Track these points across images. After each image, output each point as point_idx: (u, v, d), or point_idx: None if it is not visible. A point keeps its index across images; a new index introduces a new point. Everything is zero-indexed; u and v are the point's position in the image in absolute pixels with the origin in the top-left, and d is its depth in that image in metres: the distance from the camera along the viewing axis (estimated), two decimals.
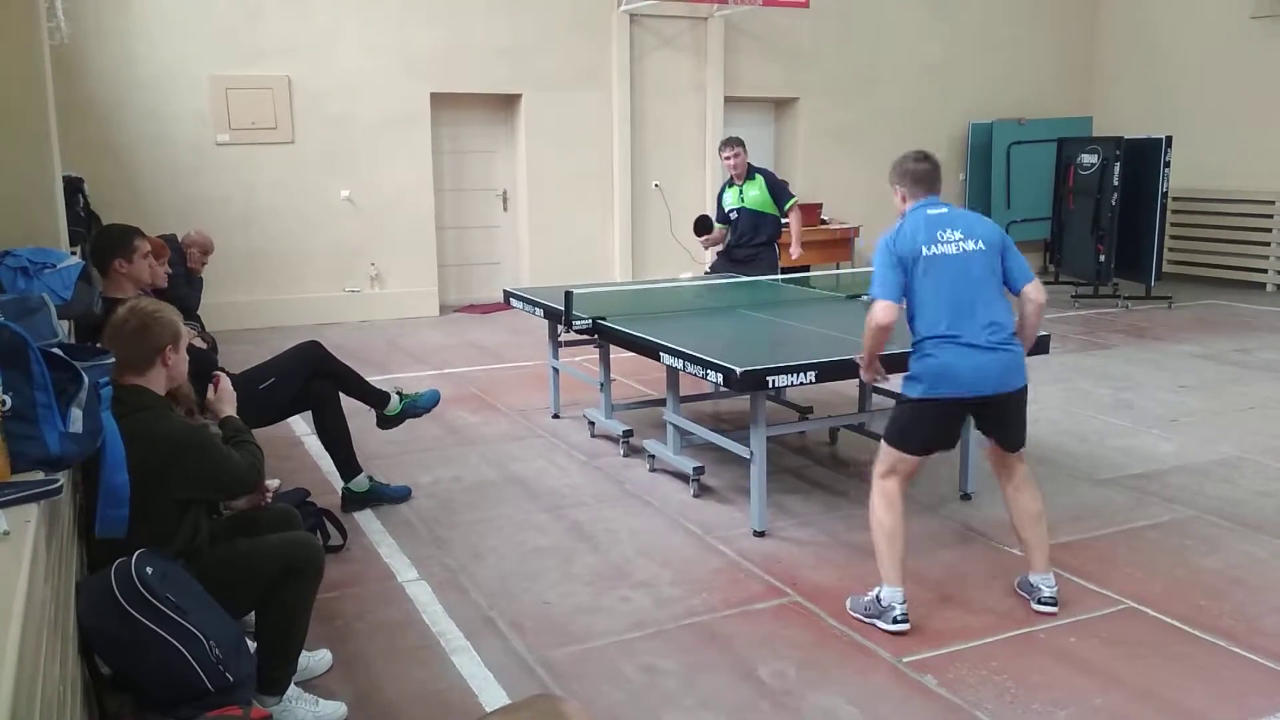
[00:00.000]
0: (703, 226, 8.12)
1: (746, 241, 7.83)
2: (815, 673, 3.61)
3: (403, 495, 5.35)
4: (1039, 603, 4.06)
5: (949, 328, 3.88)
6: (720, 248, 8.13)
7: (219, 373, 3.85)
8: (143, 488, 2.74)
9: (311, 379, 5.12)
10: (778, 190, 7.81)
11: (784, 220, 7.89)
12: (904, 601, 3.90)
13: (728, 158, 7.76)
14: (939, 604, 4.13)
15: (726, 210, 7.88)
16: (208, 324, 6.37)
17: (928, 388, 3.91)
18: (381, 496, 5.27)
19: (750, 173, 7.81)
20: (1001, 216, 13.41)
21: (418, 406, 5.37)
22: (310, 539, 3.52)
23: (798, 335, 5.51)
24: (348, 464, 5.21)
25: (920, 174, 4.16)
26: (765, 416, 4.79)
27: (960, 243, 3.96)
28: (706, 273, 8.35)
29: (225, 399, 3.60)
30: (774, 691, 3.49)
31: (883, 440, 4.08)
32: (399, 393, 5.39)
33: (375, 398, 5.32)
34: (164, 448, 2.99)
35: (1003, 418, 4.04)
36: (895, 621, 3.89)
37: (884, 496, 4.00)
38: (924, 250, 3.94)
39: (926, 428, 4.00)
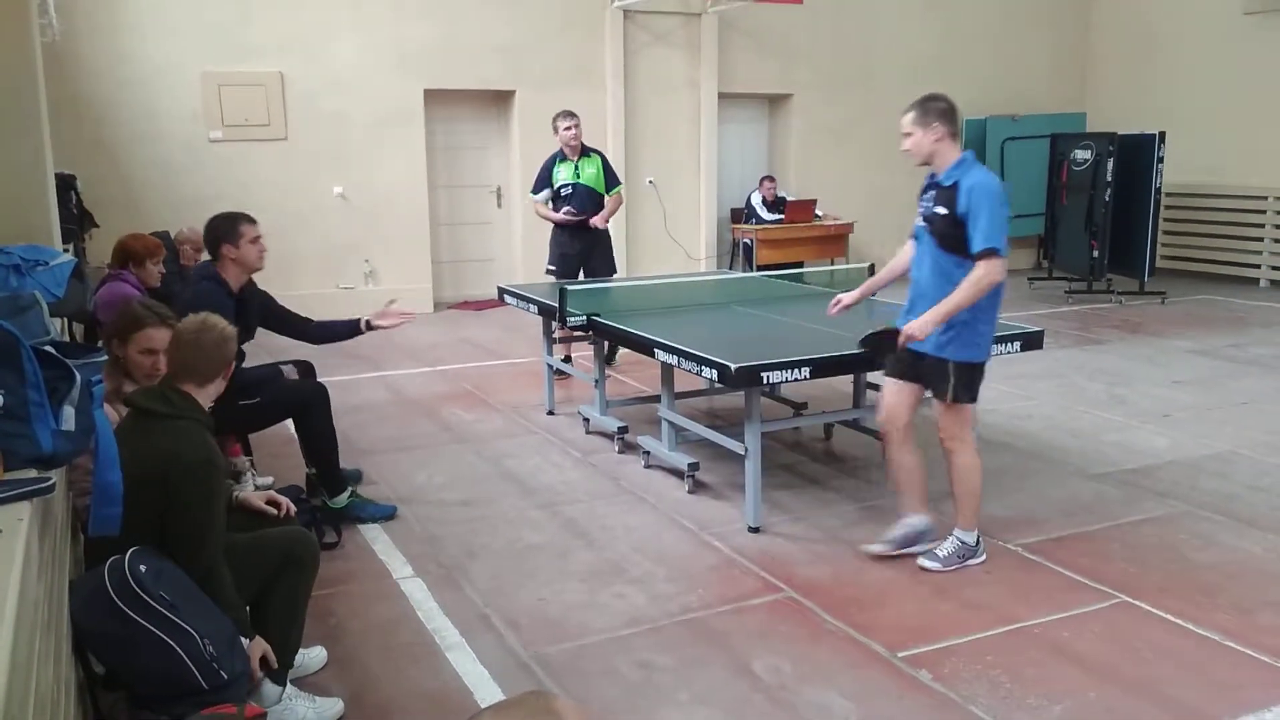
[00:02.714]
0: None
1: (587, 225, 7.89)
2: (810, 668, 3.61)
3: (386, 515, 5.08)
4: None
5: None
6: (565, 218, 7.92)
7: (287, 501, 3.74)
8: (141, 491, 2.72)
9: (302, 405, 4.97)
10: (610, 173, 7.96)
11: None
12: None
13: (569, 128, 7.77)
14: (933, 598, 4.14)
15: (558, 185, 7.90)
16: None
17: (989, 347, 4.25)
18: (362, 516, 5.02)
19: (585, 150, 7.89)
20: None
21: (365, 513, 5.02)
22: (305, 531, 3.55)
23: (792, 331, 5.51)
24: (331, 477, 5.02)
25: (957, 115, 4.26)
26: (760, 412, 4.79)
27: None
28: (550, 270, 8.13)
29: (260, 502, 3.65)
30: (769, 687, 3.50)
31: (956, 404, 4.24)
32: (354, 491, 5.12)
33: (334, 481, 5.02)
34: (175, 464, 2.93)
35: None
36: (978, 555, 4.38)
37: (973, 448, 4.33)
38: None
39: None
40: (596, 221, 7.88)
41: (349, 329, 5.24)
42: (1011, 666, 3.59)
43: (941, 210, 4.12)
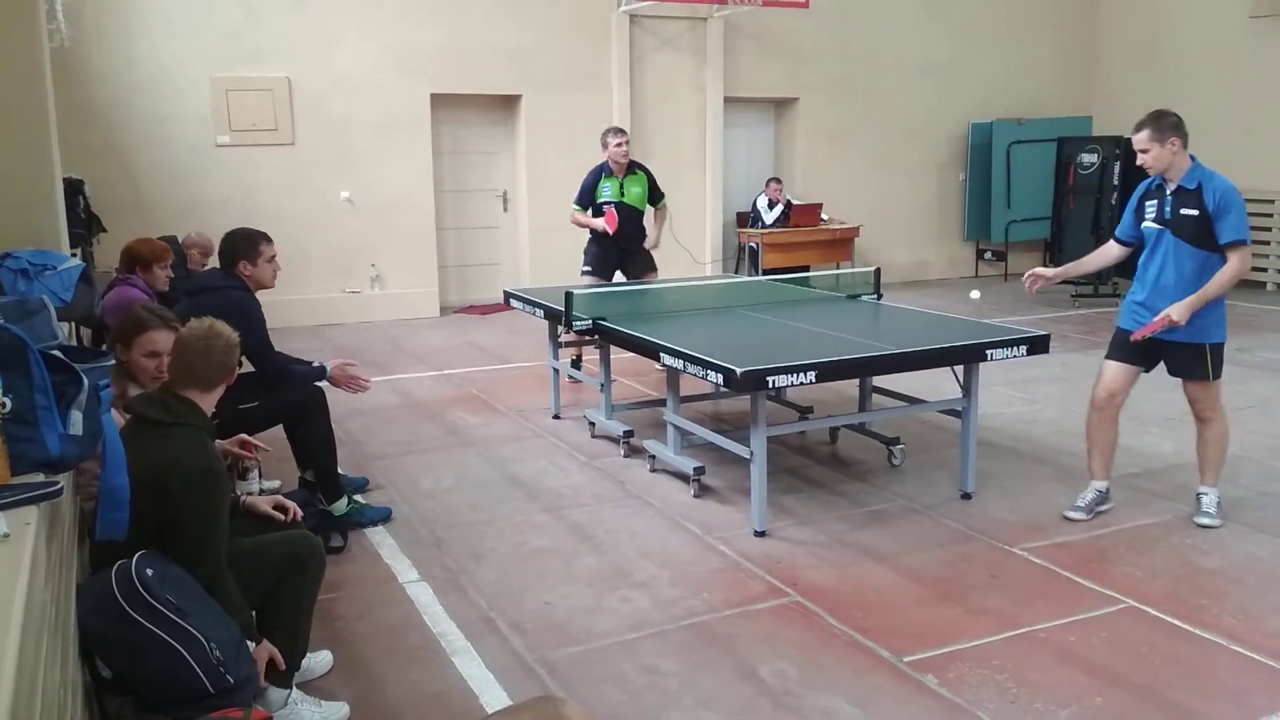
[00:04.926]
0: None
1: (628, 238, 7.90)
2: (816, 672, 3.61)
3: (383, 517, 5.12)
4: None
5: None
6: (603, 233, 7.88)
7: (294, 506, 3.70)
8: (143, 497, 2.72)
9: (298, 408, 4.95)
10: (656, 188, 8.02)
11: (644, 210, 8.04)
12: None
13: (620, 144, 7.75)
14: (939, 603, 4.13)
15: (601, 201, 7.84)
16: None
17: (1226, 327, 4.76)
18: (361, 521, 5.02)
19: (631, 168, 7.88)
20: (1002, 216, 13.44)
21: (363, 517, 5.03)
22: (310, 536, 3.54)
23: (798, 335, 5.51)
24: (329, 482, 5.01)
25: (1184, 126, 4.75)
26: (765, 416, 4.79)
27: None
28: (586, 270, 8.05)
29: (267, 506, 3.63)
30: (775, 691, 3.49)
31: (1214, 381, 4.75)
32: (351, 497, 5.12)
33: (332, 488, 5.00)
34: (175, 472, 2.92)
35: None
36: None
37: (1225, 417, 4.85)
38: None
39: None
40: (650, 245, 8.11)
41: None
42: (1018, 671, 3.58)
43: (1192, 212, 4.63)
